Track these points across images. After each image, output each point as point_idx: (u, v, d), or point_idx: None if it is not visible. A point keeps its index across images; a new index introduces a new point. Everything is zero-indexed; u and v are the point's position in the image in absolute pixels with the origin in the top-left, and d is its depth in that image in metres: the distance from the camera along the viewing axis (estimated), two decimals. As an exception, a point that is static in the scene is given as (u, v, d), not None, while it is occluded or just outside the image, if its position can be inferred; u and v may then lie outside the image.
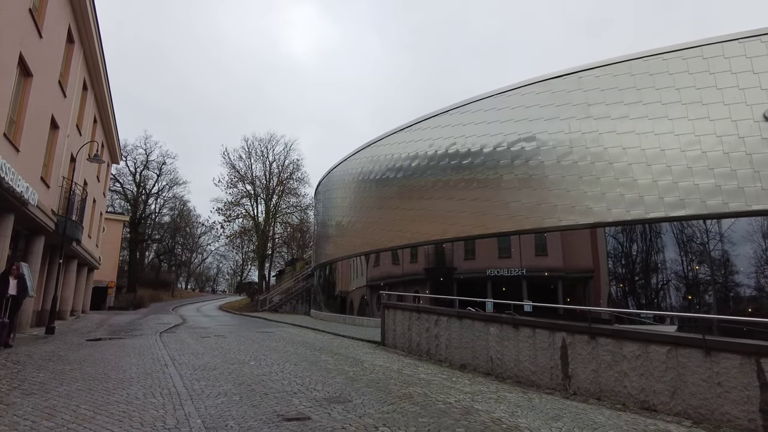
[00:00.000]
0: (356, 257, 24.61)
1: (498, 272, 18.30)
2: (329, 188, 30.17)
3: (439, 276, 20.12)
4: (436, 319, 11.90)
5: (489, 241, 18.28)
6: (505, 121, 17.32)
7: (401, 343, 13.27)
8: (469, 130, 18.30)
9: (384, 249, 22.12)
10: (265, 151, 47.64)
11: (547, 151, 16.20)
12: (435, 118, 19.89)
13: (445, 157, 19.05)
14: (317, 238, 33.30)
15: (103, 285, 42.06)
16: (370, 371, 9.10)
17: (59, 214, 15.78)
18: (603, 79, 15.57)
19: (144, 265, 65.44)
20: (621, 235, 15.46)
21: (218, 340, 14.75)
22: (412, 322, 12.90)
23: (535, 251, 17.60)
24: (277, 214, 46.33)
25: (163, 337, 15.21)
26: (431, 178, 19.58)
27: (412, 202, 20.42)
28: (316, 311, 30.35)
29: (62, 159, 16.07)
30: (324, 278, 30.50)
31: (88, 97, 19.60)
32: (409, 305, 13.45)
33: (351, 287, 25.35)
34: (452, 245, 19.37)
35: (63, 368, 7.85)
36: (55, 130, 15.12)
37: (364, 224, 24.04)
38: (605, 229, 15.35)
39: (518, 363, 9.27)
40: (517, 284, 17.60)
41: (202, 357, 10.43)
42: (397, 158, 21.58)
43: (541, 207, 16.00)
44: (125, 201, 57.36)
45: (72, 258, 21.90)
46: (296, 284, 38.91)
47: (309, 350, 12.52)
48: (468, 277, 18.96)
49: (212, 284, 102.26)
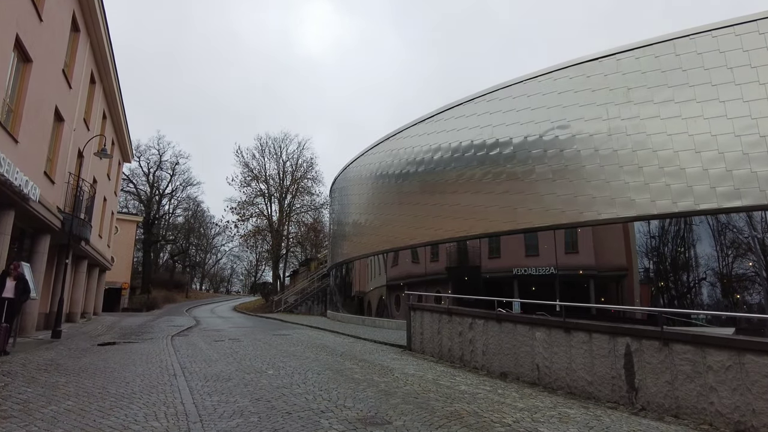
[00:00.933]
0: (374, 256, 23.58)
1: (525, 271, 17.18)
2: (345, 185, 29.19)
3: (461, 275, 19.03)
4: (470, 323, 10.81)
5: (515, 239, 17.16)
6: (536, 108, 16.15)
7: (430, 347, 12.20)
8: (496, 119, 17.16)
9: (404, 247, 21.07)
10: (278, 150, 46.90)
11: (583, 139, 15.01)
12: (459, 107, 18.77)
13: (470, 149, 17.93)
14: (333, 237, 32.34)
15: (116, 286, 41.62)
16: (404, 382, 8.05)
17: (65, 211, 14.99)
18: (644, 60, 14.34)
19: (158, 266, 65.17)
20: (659, 229, 14.23)
21: (232, 344, 13.82)
22: (442, 325, 11.83)
23: (565, 248, 16.44)
24: (291, 213, 45.48)
25: (174, 341, 14.33)
26: (455, 171, 18.48)
27: (435, 197, 19.34)
28: (332, 312, 29.40)
29: (68, 154, 15.28)
30: (340, 278, 29.52)
31: (96, 91, 18.85)
32: (438, 307, 12.39)
33: (369, 287, 24.33)
34: (479, 243, 18.26)
35: (57, 381, 6.92)
36: (60, 123, 14.32)
37: (382, 222, 23.01)
38: (642, 223, 14.15)
39: (571, 372, 8.16)
40: (547, 283, 16.46)
41: (215, 364, 9.47)
42: (417, 151, 20.50)
43: (578, 200, 14.82)
44: (139, 202, 57.11)
45: (82, 258, 21.20)
46: (311, 284, 38.03)
47: (330, 356, 11.52)
48: (493, 277, 17.83)
49: (226, 285, 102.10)
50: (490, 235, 17.41)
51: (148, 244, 54.33)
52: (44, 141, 12.69)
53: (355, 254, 25.95)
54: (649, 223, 14.02)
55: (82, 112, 16.70)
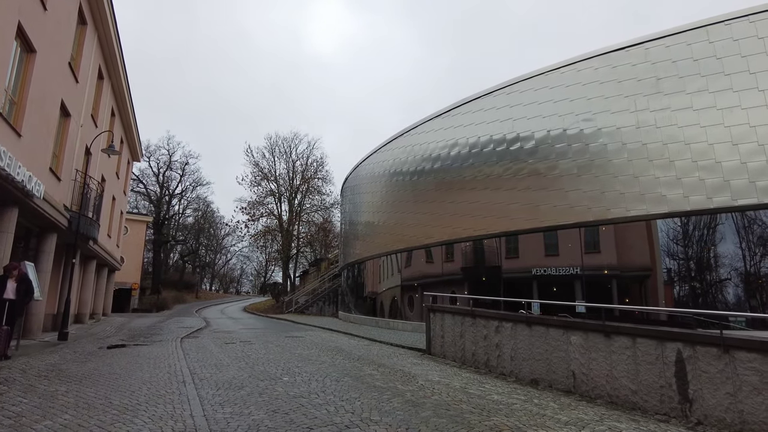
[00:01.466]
0: (387, 256, 22.97)
1: (545, 271, 16.49)
2: (357, 184, 28.61)
3: (478, 276, 18.36)
4: (497, 326, 10.16)
5: (534, 239, 16.50)
6: (559, 100, 15.45)
7: (452, 351, 11.56)
8: (517, 112, 16.47)
9: (419, 247, 20.43)
10: (288, 149, 46.40)
11: (609, 132, 14.29)
12: (477, 101, 18.09)
13: (489, 144, 17.25)
14: (345, 236, 31.76)
15: (126, 287, 41.42)
16: (430, 391, 7.42)
17: (72, 210, 14.55)
18: (675, 49, 13.59)
19: (168, 266, 65.05)
20: (686, 226, 13.47)
21: (244, 346, 13.28)
22: (465, 328, 11.18)
23: (586, 248, 15.72)
24: (302, 212, 44.96)
25: (183, 344, 13.82)
26: (473, 167, 17.80)
27: (451, 194, 18.68)
28: (344, 313, 28.82)
29: (75, 150, 14.84)
30: (352, 279, 28.94)
31: (104, 88, 18.43)
32: (460, 309, 11.74)
33: (382, 288, 23.72)
34: (495, 242, 17.61)
35: (56, 390, 6.37)
36: (66, 119, 13.88)
37: (396, 221, 22.38)
38: (666, 220, 13.43)
39: (612, 380, 7.48)
40: (567, 284, 15.79)
41: (227, 370, 8.91)
42: (433, 147, 19.84)
43: (605, 196, 14.09)
44: (149, 202, 56.99)
45: (90, 258, 20.80)
46: (322, 285, 37.49)
47: (347, 360, 10.92)
48: (511, 277, 17.15)
49: (236, 285, 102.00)
50: (510, 234, 16.73)
51: (158, 245, 54.15)
52: (49, 136, 12.23)
53: (368, 254, 25.35)
54: (681, 219, 13.27)
55: (89, 109, 16.27)
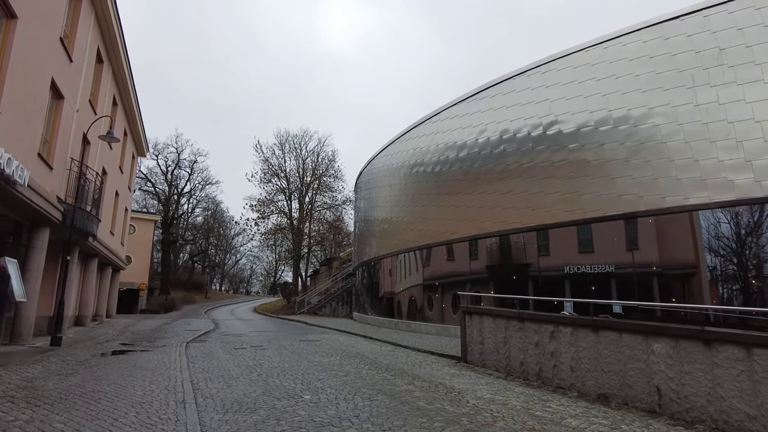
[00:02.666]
0: (407, 253, 21.50)
1: (578, 269, 14.98)
2: (372, 178, 27.17)
3: (505, 274, 16.87)
4: (551, 331, 8.65)
5: (567, 235, 15.05)
6: (603, 78, 13.88)
7: (493, 360, 10.07)
8: (554, 92, 14.91)
9: (442, 243, 18.93)
10: (298, 146, 44.96)
11: (663, 111, 12.71)
12: (508, 81, 16.54)
13: (522, 129, 15.69)
14: (359, 234, 30.33)
15: (134, 287, 40.35)
16: (490, 415, 5.94)
17: (67, 202, 13.26)
18: (741, 14, 11.98)
19: (177, 266, 64.06)
20: (736, 218, 11.89)
21: (256, 352, 11.89)
22: (510, 333, 9.68)
23: (626, 245, 14.21)
24: (313, 210, 43.59)
25: (189, 350, 12.47)
26: (504, 155, 16.28)
27: (480, 185, 17.16)
28: (359, 314, 27.40)
29: (70, 137, 13.55)
30: (368, 278, 27.51)
31: (104, 73, 17.14)
32: (505, 311, 10.25)
33: (400, 288, 22.26)
34: (522, 239, 16.17)
35: (15, 420, 4.92)
36: (59, 101, 12.58)
37: (416, 216, 20.90)
38: (710, 212, 11.89)
39: (716, 400, 5.96)
40: (603, 282, 14.30)
41: (236, 384, 7.50)
42: (459, 134, 18.28)
43: (659, 183, 12.51)
44: (157, 201, 55.97)
45: (92, 256, 19.56)
46: (335, 285, 36.10)
47: (375, 370, 9.47)
48: (541, 276, 15.66)
49: (246, 285, 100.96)
50: (548, 227, 15.18)
51: (166, 245, 53.09)
52: (37, 117, 10.91)
53: (385, 252, 23.91)
54: (751, 208, 11.67)
55: (87, 93, 14.98)
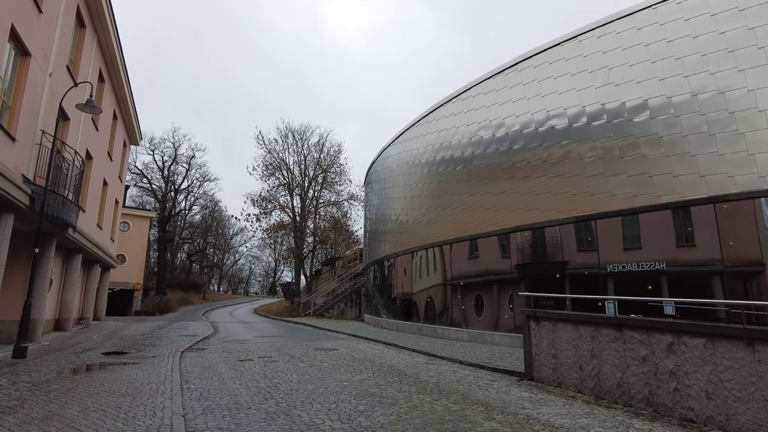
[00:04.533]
0: (430, 249, 19.22)
1: (623, 267, 12.85)
2: (386, 167, 24.87)
3: (542, 273, 14.68)
4: (669, 342, 6.40)
5: (610, 230, 12.95)
6: (658, 61, 11.62)
7: (573, 378, 7.81)
8: (605, 61, 12.63)
9: (472, 237, 16.63)
10: (300, 141, 42.41)
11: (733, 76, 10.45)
12: (545, 53, 14.25)
13: (580, 117, 13.39)
14: (371, 231, 28.03)
15: (128, 287, 38.06)
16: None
17: (36, 183, 10.97)
18: None
19: (174, 266, 61.62)
20: None
21: (265, 366, 9.63)
22: (600, 344, 7.43)
23: (677, 241, 12.03)
24: (318, 206, 41.23)
25: (183, 361, 10.20)
26: (556, 136, 14.00)
27: (523, 169, 14.89)
28: (372, 317, 25.11)
29: (41, 105, 11.26)
30: (381, 278, 25.23)
31: (86, 38, 14.85)
32: (592, 316, 8.02)
33: (420, 288, 19.98)
34: (558, 233, 14.03)
35: None
36: (24, 58, 10.30)
37: (441, 207, 18.58)
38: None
39: None
40: (653, 282, 12.16)
41: (248, 421, 5.25)
42: (495, 112, 15.93)
43: (726, 159, 10.23)
44: (154, 198, 53.64)
45: (74, 252, 17.21)
46: (341, 285, 33.82)
47: (427, 394, 7.21)
48: (579, 274, 13.55)
49: (245, 286, 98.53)
50: (587, 218, 12.94)
51: (163, 243, 50.69)
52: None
53: (401, 249, 21.63)
54: None
55: (64, 57, 12.69)
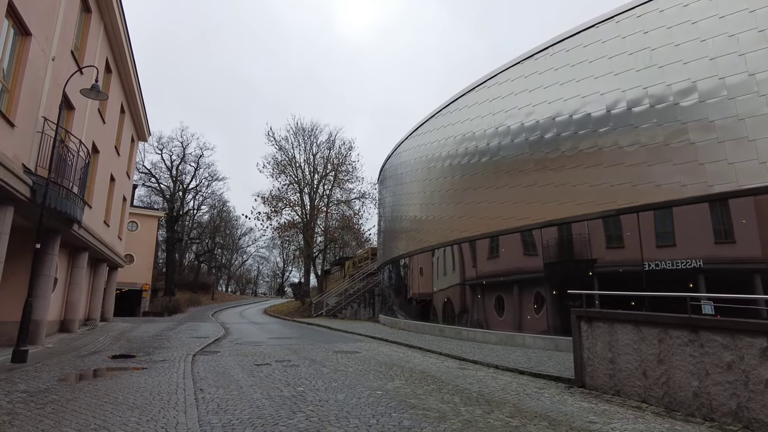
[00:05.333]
0: (448, 247, 18.32)
1: (656, 265, 11.97)
2: (401, 162, 23.99)
3: (571, 270, 13.78)
4: (764, 347, 5.48)
5: (643, 224, 12.08)
6: (708, 39, 10.64)
7: (636, 386, 6.89)
8: (647, 41, 11.65)
9: (496, 233, 15.71)
10: (309, 140, 41.42)
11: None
12: (579, 35, 13.27)
13: (605, 97, 12.44)
14: (385, 230, 27.15)
15: (137, 288, 37.45)
16: None
17: (38, 174, 10.21)
18: None
19: (183, 266, 61.01)
20: None
21: (286, 371, 8.79)
22: (670, 348, 6.51)
23: (715, 237, 11.10)
24: (329, 204, 40.34)
25: (196, 366, 9.38)
26: (579, 131, 13.05)
27: (558, 160, 13.97)
28: (387, 317, 24.23)
29: (43, 90, 10.51)
30: (396, 277, 24.35)
31: (92, 24, 14.11)
32: (659, 316, 7.07)
33: (439, 287, 19.09)
34: (586, 229, 13.16)
35: None
36: (23, 38, 9.55)
37: (462, 205, 17.64)
38: None
39: None
40: (690, 280, 11.25)
41: (277, 443, 4.41)
42: (514, 103, 14.99)
43: None
44: (162, 198, 53.08)
45: (81, 250, 16.47)
46: (354, 285, 32.97)
47: (475, 406, 6.33)
48: (610, 272, 12.68)
49: (253, 287, 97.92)
50: (629, 211, 12.00)
51: (171, 243, 50.07)
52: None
53: (419, 247, 20.74)
54: None
55: (68, 42, 11.94)
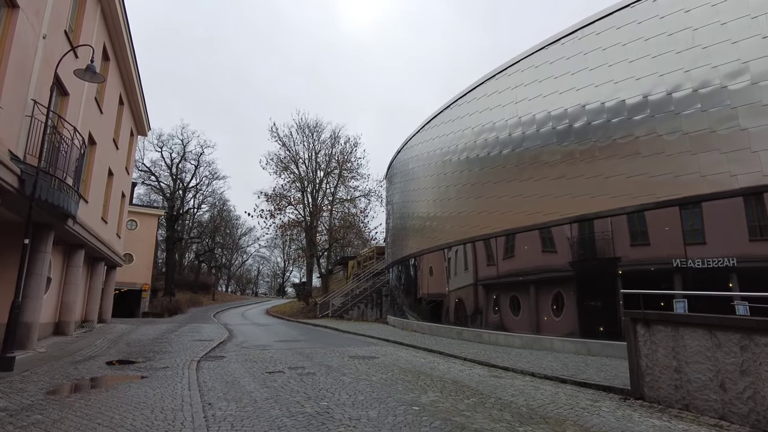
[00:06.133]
0: (465, 244, 17.39)
1: (683, 263, 11.15)
2: (412, 156, 23.05)
3: (597, 269, 12.89)
4: None
5: (669, 221, 11.24)
6: (759, 15, 9.71)
7: (708, 399, 5.94)
8: (688, 20, 10.69)
9: (521, 229, 14.77)
10: (311, 138, 40.47)
11: None
12: (612, 16, 12.30)
13: (641, 82, 11.47)
14: (393, 229, 26.21)
15: (136, 288, 36.50)
16: None
17: (27, 162, 9.26)
18: None
19: (183, 266, 60.04)
20: None
21: (301, 380, 7.84)
22: (754, 356, 5.55)
23: (750, 234, 10.26)
24: (334, 202, 39.41)
25: (201, 374, 8.44)
26: (613, 119, 12.10)
27: (576, 152, 13.04)
28: (397, 318, 23.28)
29: (32, 71, 9.56)
30: (406, 277, 23.43)
31: (89, 5, 13.15)
32: (738, 319, 6.14)
33: (454, 287, 18.16)
34: (609, 224, 12.35)
35: None
36: (10, 9, 8.62)
37: (481, 199, 16.67)
38: None
39: None
40: (722, 279, 10.42)
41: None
42: (538, 91, 14.05)
43: None
44: (162, 196, 52.12)
45: (77, 247, 15.50)
46: (359, 285, 32.03)
47: (534, 426, 5.39)
48: (637, 270, 11.83)
49: (253, 287, 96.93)
50: (669, 204, 11.08)
51: (171, 242, 49.11)
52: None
53: (432, 245, 19.79)
54: None
55: (62, 19, 10.99)
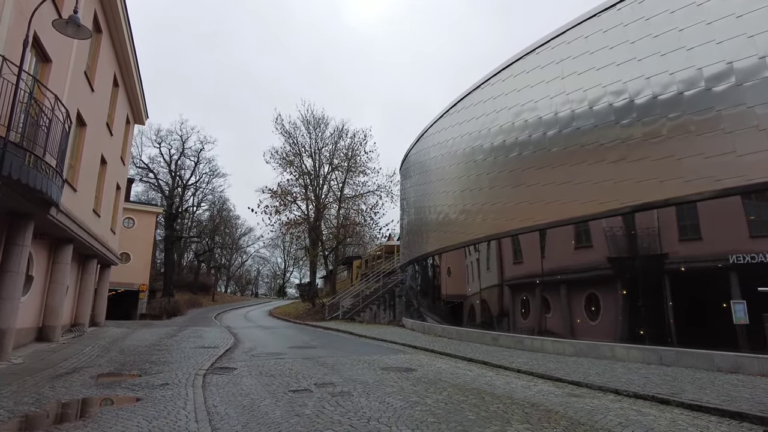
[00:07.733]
0: (499, 239, 15.63)
1: (742, 258, 9.56)
2: (432, 145, 21.30)
3: (639, 269, 11.21)
4: None
5: (724, 211, 9.67)
6: None
7: None
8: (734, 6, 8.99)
9: (569, 221, 13.04)
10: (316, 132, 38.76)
11: None
12: None
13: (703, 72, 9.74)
14: (409, 226, 24.47)
15: (133, 288, 34.76)
16: None
17: (-6, 131, 7.49)
18: None
19: (182, 266, 58.21)
20: None
21: (338, 404, 6.08)
22: None
23: None
24: (343, 198, 37.66)
25: (209, 394, 6.68)
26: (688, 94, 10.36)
27: (639, 132, 11.29)
28: (415, 321, 21.52)
29: (0, 18, 7.80)
30: (424, 277, 21.68)
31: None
32: None
33: (485, 286, 16.40)
34: (655, 219, 10.74)
35: None
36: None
37: (520, 188, 14.91)
38: None
39: None
40: None
41: None
42: (589, 64, 12.22)
43: None
44: (160, 194, 50.33)
45: (65, 242, 13.68)
46: (370, 285, 30.28)
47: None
48: (691, 268, 10.19)
49: (253, 287, 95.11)
50: None
51: (170, 241, 47.30)
52: None
53: (456, 242, 18.00)
54: None
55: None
